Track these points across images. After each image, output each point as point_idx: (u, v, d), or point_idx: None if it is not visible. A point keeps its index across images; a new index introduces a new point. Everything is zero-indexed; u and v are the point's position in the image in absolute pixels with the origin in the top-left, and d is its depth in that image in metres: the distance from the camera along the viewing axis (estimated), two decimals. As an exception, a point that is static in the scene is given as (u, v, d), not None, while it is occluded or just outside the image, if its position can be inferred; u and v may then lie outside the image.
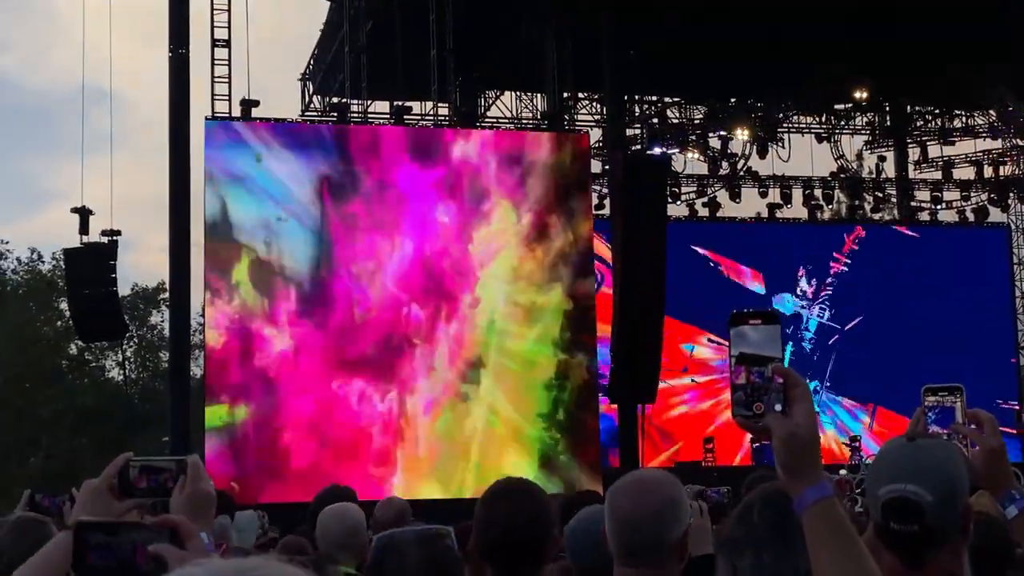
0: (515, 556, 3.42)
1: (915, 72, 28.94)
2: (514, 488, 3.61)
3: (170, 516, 2.22)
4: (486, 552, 3.48)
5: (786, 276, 29.57)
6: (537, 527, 3.43)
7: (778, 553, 2.37)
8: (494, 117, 30.93)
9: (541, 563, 3.45)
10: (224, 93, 22.93)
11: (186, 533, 2.15)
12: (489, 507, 3.51)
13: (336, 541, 5.19)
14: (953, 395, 2.83)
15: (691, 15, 25.13)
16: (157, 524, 2.15)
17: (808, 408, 2.02)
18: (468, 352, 22.38)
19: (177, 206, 21.83)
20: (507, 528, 3.41)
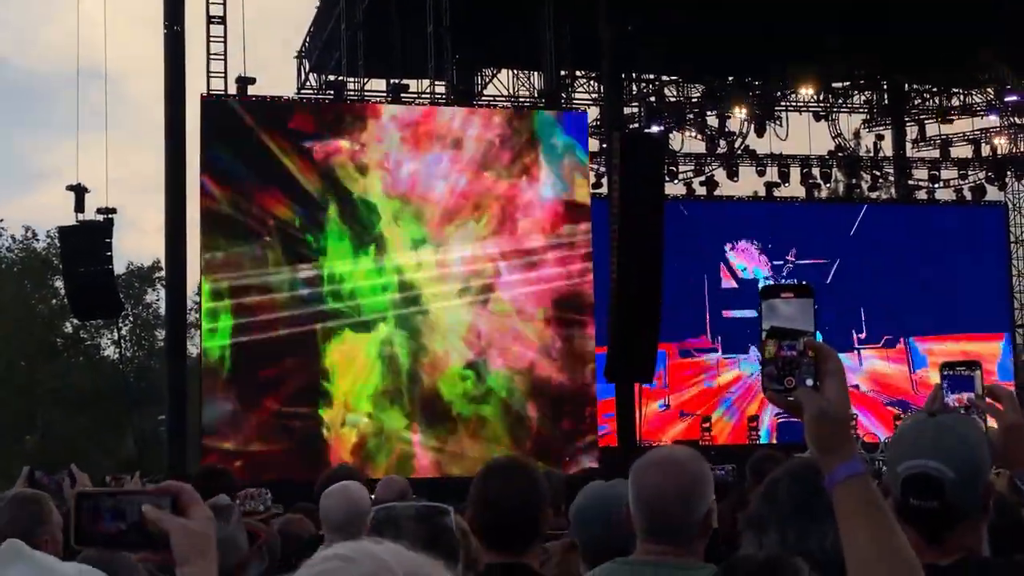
0: (507, 532, 3.45)
1: (913, 49, 28.85)
2: (508, 465, 3.65)
3: (172, 483, 2.16)
4: (479, 528, 3.51)
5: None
6: (529, 504, 3.46)
7: (803, 529, 2.35)
8: (491, 95, 30.83)
9: (533, 539, 3.47)
10: (220, 71, 22.82)
11: (188, 500, 2.10)
12: (483, 484, 3.55)
13: (337, 521, 5.16)
14: (971, 370, 2.80)
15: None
16: (157, 491, 2.10)
17: (840, 383, 1.98)
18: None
19: (173, 184, 21.75)
20: (500, 504, 3.44)
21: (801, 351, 1.98)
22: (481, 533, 3.52)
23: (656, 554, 3.04)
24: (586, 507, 3.73)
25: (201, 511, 2.10)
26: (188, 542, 2.05)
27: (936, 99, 33.78)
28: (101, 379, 44.36)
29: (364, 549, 1.32)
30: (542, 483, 3.54)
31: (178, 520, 2.06)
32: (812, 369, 1.98)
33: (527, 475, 3.54)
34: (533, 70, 30.31)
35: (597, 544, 3.57)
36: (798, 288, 2.03)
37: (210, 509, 2.13)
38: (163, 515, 2.06)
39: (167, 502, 2.08)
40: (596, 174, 28.48)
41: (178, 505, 2.08)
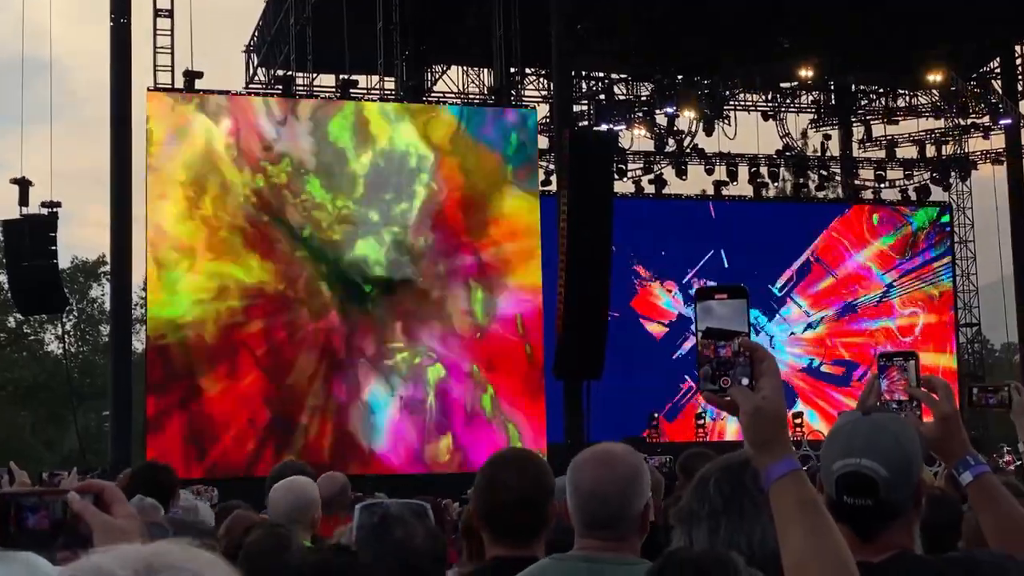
0: (515, 524, 3.42)
1: (860, 50, 29.11)
2: (514, 456, 3.64)
3: (94, 481, 2.14)
4: (489, 518, 3.47)
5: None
6: (536, 495, 3.43)
7: (733, 525, 2.36)
8: (440, 92, 30.78)
9: (540, 531, 3.45)
10: (167, 64, 22.66)
11: (110, 498, 2.08)
12: (490, 475, 3.50)
13: (286, 514, 5.15)
14: (907, 360, 2.83)
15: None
16: (80, 488, 2.08)
17: (775, 382, 1.99)
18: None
19: (119, 178, 21.56)
20: (507, 496, 3.41)
21: (736, 351, 2.00)
22: (488, 526, 3.49)
23: (593, 549, 3.05)
24: None
25: (124, 509, 2.08)
26: (111, 539, 2.03)
27: (882, 100, 34.10)
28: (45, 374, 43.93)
29: (85, 566, 1.26)
30: (548, 474, 3.51)
31: (101, 516, 2.04)
32: (747, 369, 1.99)
33: (534, 466, 3.51)
34: (483, 67, 30.28)
35: None
36: (732, 289, 2.04)
37: (135, 509, 2.11)
38: (89, 507, 2.04)
39: (90, 500, 2.06)
40: (545, 171, 28.51)
41: (101, 503, 2.07)
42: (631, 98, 31.97)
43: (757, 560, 2.04)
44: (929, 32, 28.20)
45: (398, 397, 22.37)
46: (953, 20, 27.71)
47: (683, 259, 29.11)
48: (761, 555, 2.06)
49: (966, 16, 27.63)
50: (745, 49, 28.36)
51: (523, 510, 3.40)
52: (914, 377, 2.81)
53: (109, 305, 28.64)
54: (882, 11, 26.52)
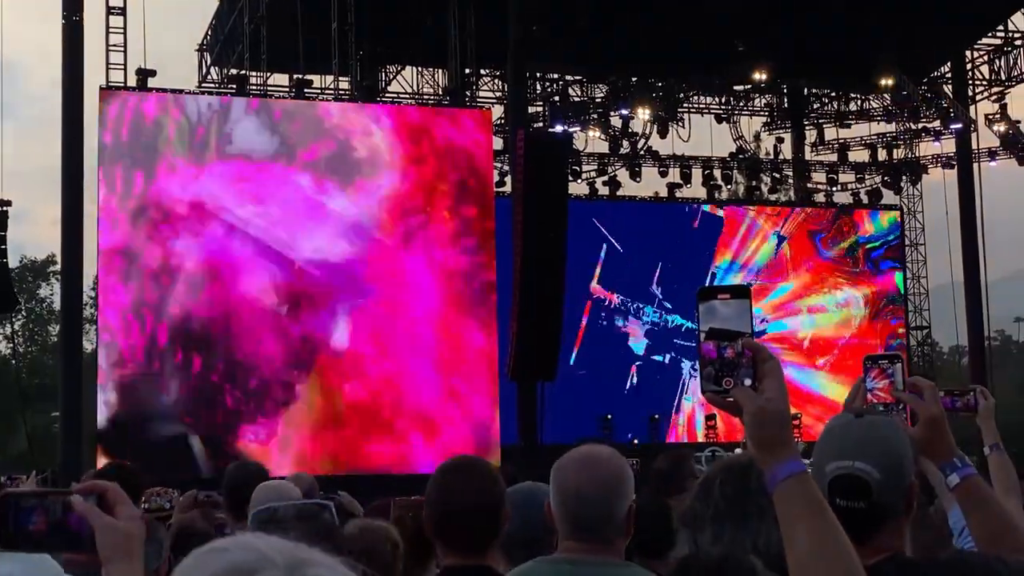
0: (467, 533, 3.38)
1: (813, 54, 29.31)
2: (469, 464, 3.59)
3: (98, 482, 2.09)
4: (441, 527, 3.43)
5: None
6: (489, 503, 3.40)
7: (737, 527, 2.34)
8: (395, 92, 30.68)
9: (493, 539, 3.41)
10: (119, 62, 22.49)
11: (114, 499, 2.04)
12: (441, 483, 3.46)
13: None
14: (892, 363, 2.83)
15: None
16: (82, 490, 2.03)
17: (778, 383, 1.97)
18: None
19: (70, 177, 21.34)
20: (459, 504, 3.38)
21: (739, 352, 1.98)
22: (440, 535, 3.45)
23: (578, 552, 3.03)
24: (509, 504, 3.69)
25: (128, 510, 2.04)
26: (113, 541, 1.99)
27: (834, 104, 34.35)
28: (-7, 375, 43.40)
29: (240, 540, 1.28)
30: (500, 482, 3.48)
31: (104, 518, 2.00)
32: (750, 370, 1.97)
33: (485, 474, 3.48)
34: (438, 67, 30.21)
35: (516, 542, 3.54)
36: (735, 289, 2.03)
37: (137, 509, 2.07)
38: (92, 509, 2.00)
39: (92, 500, 2.01)
40: (500, 172, 28.48)
41: (104, 504, 2.02)
42: (586, 100, 32.02)
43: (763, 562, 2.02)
44: (881, 37, 28.43)
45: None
46: (905, 25, 27.95)
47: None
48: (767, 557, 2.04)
49: (918, 21, 27.89)
50: (699, 52, 28.47)
51: (475, 519, 3.37)
52: (900, 380, 2.81)
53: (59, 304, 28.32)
54: (835, 16, 26.71)
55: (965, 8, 28.07)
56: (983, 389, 4.07)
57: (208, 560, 1.26)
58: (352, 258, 22.73)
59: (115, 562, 1.98)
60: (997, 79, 31.97)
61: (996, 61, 31.98)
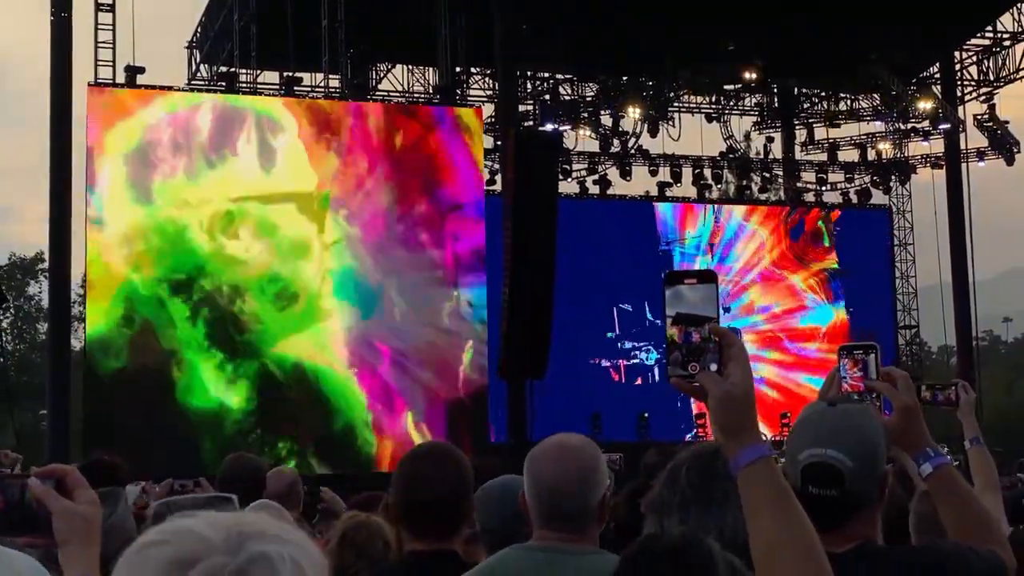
0: (432, 518, 3.40)
1: (803, 54, 29.34)
2: (433, 450, 3.60)
3: (56, 465, 2.10)
4: (408, 513, 3.45)
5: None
6: (455, 490, 3.42)
7: (703, 513, 2.35)
8: (385, 90, 30.66)
9: (459, 525, 3.43)
10: (108, 59, 22.43)
11: (73, 483, 2.03)
12: (408, 469, 3.48)
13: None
14: (867, 353, 2.84)
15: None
16: (41, 474, 2.03)
17: (744, 368, 1.96)
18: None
19: (58, 174, 21.29)
20: (425, 490, 3.39)
21: (706, 336, 1.97)
22: (406, 521, 3.47)
23: (552, 540, 3.04)
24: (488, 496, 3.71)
25: (86, 494, 2.04)
26: (71, 525, 2.00)
27: (824, 103, 34.39)
28: (-20, 373, 43.27)
29: (176, 527, 1.24)
30: (467, 469, 3.49)
31: (62, 501, 2.00)
32: (717, 355, 1.97)
33: (453, 460, 3.49)
34: (428, 65, 30.20)
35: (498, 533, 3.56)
36: (702, 273, 2.02)
37: (96, 494, 2.07)
38: (49, 492, 2.00)
39: (51, 484, 2.02)
40: (490, 171, 28.48)
41: (63, 488, 2.02)
42: (576, 98, 32.01)
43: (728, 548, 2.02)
44: (871, 37, 28.47)
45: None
46: (894, 25, 27.99)
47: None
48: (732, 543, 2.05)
49: (907, 22, 27.94)
50: (690, 51, 28.49)
51: (441, 505, 3.39)
52: (874, 370, 2.82)
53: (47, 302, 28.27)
54: (825, 16, 26.75)
55: (954, 8, 28.13)
56: (964, 383, 4.09)
57: (149, 553, 1.23)
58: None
59: (72, 545, 1.99)
60: (986, 79, 32.03)
61: (985, 61, 32.04)
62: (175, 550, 1.21)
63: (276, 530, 1.25)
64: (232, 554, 1.20)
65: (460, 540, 3.44)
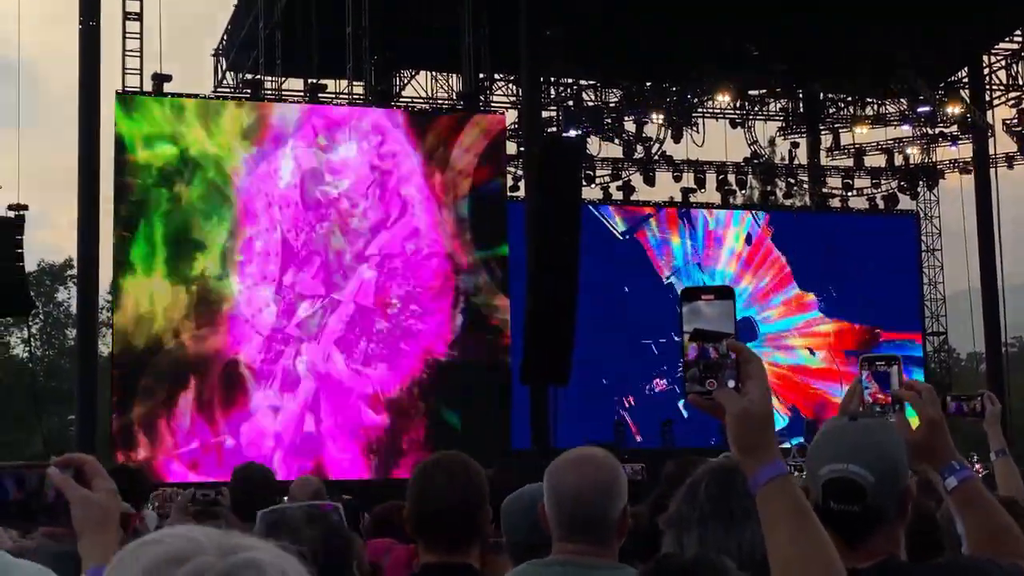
0: (450, 529, 3.37)
1: (829, 58, 29.24)
2: (447, 462, 3.56)
3: (75, 455, 2.11)
4: (421, 526, 3.43)
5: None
6: (469, 501, 3.39)
7: (722, 529, 2.35)
8: (409, 97, 30.72)
9: (473, 538, 3.41)
10: (135, 67, 22.55)
11: (91, 472, 2.05)
12: (422, 481, 3.46)
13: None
14: (889, 364, 2.83)
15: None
16: (60, 463, 2.04)
17: (762, 384, 1.96)
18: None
19: (86, 181, 21.42)
20: (439, 502, 3.37)
21: (723, 353, 1.97)
22: (420, 533, 3.44)
23: (572, 554, 3.02)
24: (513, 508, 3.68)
25: (104, 483, 2.05)
26: (88, 514, 2.01)
27: (850, 108, 34.23)
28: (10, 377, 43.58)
29: (173, 531, 1.30)
30: (482, 480, 3.47)
31: (80, 490, 2.01)
32: (734, 371, 1.96)
33: (467, 472, 3.46)
34: (452, 72, 30.25)
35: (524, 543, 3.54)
36: (719, 290, 2.01)
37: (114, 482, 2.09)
38: (67, 482, 2.01)
39: (70, 473, 2.03)
40: (513, 177, 28.49)
41: (82, 477, 2.04)
42: (600, 104, 31.99)
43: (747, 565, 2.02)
44: (898, 40, 28.34)
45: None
46: (922, 29, 27.86)
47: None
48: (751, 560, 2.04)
49: (935, 26, 27.81)
50: (714, 56, 28.42)
51: (454, 517, 3.36)
52: (896, 381, 2.81)
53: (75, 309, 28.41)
54: (851, 20, 26.64)
55: (983, 13, 27.98)
56: (990, 394, 4.07)
57: (142, 551, 1.27)
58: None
59: (90, 534, 2.00)
60: (1015, 84, 31.85)
61: (1014, 66, 31.87)
62: (167, 548, 1.26)
63: (268, 546, 1.29)
64: (221, 556, 1.24)
65: (475, 553, 3.42)
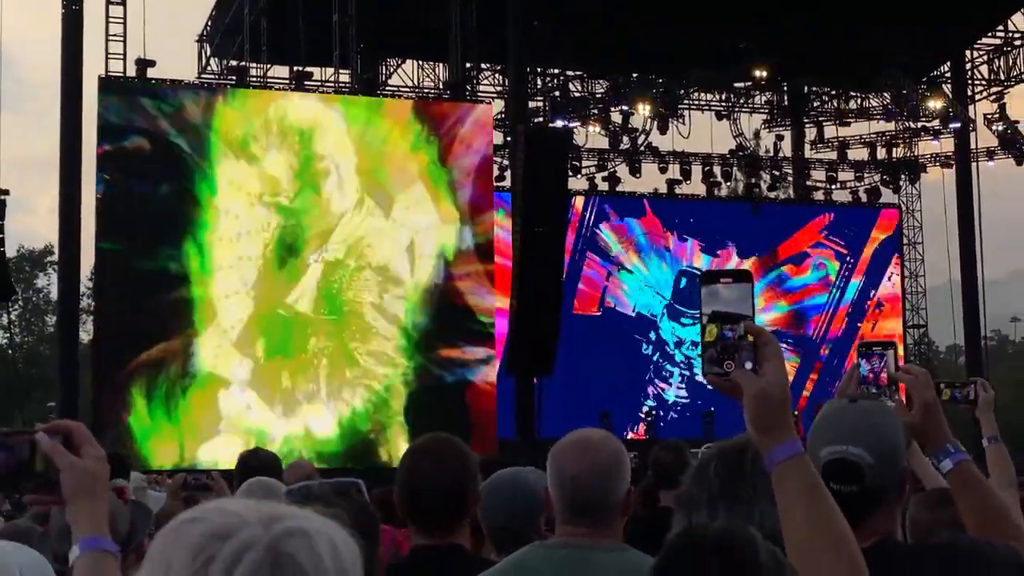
0: (438, 511, 3.41)
1: (813, 52, 29.31)
2: (438, 443, 3.58)
3: (63, 421, 2.10)
4: (410, 508, 3.46)
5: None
6: (459, 483, 3.42)
7: (731, 509, 2.36)
8: (395, 85, 30.68)
9: (462, 518, 3.44)
10: (119, 52, 22.44)
11: (80, 439, 2.04)
12: (412, 463, 3.49)
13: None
14: (886, 349, 2.87)
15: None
16: (48, 429, 2.03)
17: (779, 365, 2.00)
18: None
19: (68, 167, 21.33)
20: (429, 484, 3.40)
21: (741, 335, 2.01)
22: (410, 515, 3.48)
23: (577, 535, 3.04)
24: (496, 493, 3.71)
25: (93, 450, 2.04)
26: (78, 480, 2.00)
27: (834, 102, 34.34)
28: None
29: (212, 506, 1.28)
30: (471, 462, 3.50)
31: (68, 457, 2.01)
32: (751, 353, 2.01)
33: (456, 453, 3.50)
34: (438, 61, 30.22)
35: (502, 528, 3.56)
36: (737, 273, 2.07)
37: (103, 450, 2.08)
38: (56, 448, 2.00)
39: (59, 440, 2.01)
40: (500, 167, 28.49)
41: (70, 444, 2.03)
42: (586, 95, 32.01)
43: (760, 536, 2.04)
44: (882, 35, 28.42)
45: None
46: (905, 25, 27.95)
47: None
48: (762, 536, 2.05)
49: (918, 21, 27.89)
50: (700, 49, 28.46)
51: (442, 499, 3.39)
52: (892, 366, 2.85)
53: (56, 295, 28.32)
54: (836, 14, 26.71)
55: (965, 8, 28.08)
56: (983, 381, 4.10)
57: (185, 530, 1.25)
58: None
59: (79, 501, 2.00)
60: (996, 79, 31.98)
61: (995, 61, 31.99)
62: (210, 525, 1.24)
63: (311, 514, 1.28)
64: (267, 527, 1.23)
65: (465, 533, 3.44)
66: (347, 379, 22.07)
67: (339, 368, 22.05)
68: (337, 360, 22.06)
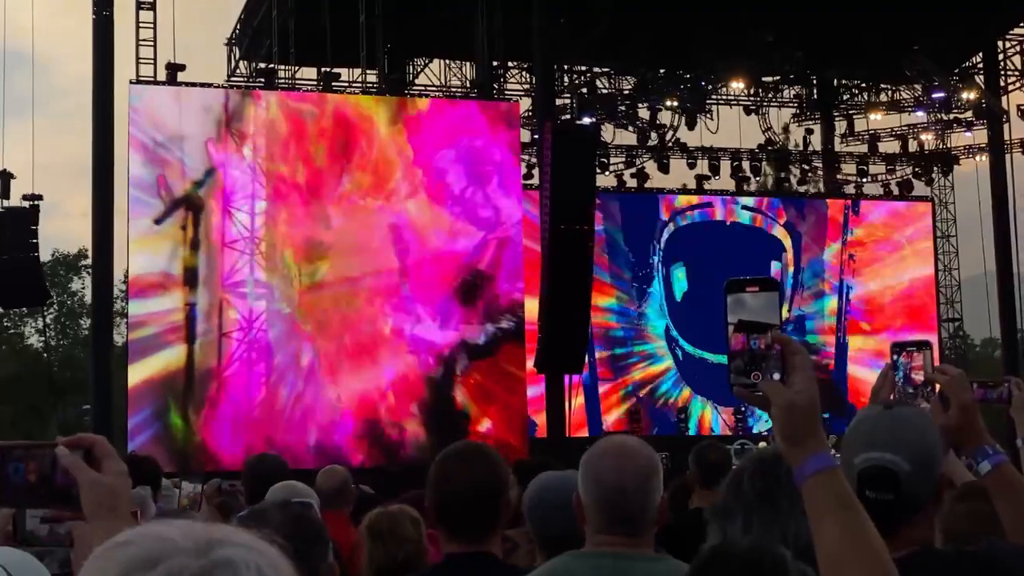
0: (468, 520, 3.37)
1: (843, 45, 29.12)
2: (470, 450, 3.56)
3: (85, 435, 2.03)
4: (441, 514, 3.43)
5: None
6: (490, 490, 3.38)
7: (766, 520, 2.34)
8: (422, 85, 30.68)
9: (496, 526, 3.40)
10: (149, 57, 22.57)
11: (101, 453, 1.99)
12: (442, 469, 3.45)
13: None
14: (920, 349, 2.82)
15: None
16: (69, 443, 1.98)
17: (808, 376, 1.95)
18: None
19: (100, 171, 21.44)
20: (460, 491, 3.36)
21: (768, 344, 1.96)
22: (441, 523, 3.45)
23: (612, 545, 3.01)
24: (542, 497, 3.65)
25: (115, 465, 1.98)
26: (98, 497, 1.94)
27: (864, 95, 34.10)
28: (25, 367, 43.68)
29: (145, 530, 1.23)
30: (502, 468, 3.47)
31: (90, 473, 1.95)
32: (779, 363, 1.95)
33: (487, 460, 3.46)
34: (465, 60, 30.20)
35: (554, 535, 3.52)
36: (764, 281, 2.01)
37: (125, 464, 2.03)
38: (77, 463, 1.95)
39: (79, 455, 1.97)
40: (527, 165, 28.44)
41: (91, 459, 1.98)
42: (613, 92, 31.90)
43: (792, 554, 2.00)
44: (912, 26, 28.22)
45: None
46: (936, 15, 27.74)
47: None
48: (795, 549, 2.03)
49: (949, 11, 27.68)
50: (728, 43, 28.32)
51: (474, 506, 3.35)
52: (928, 366, 2.80)
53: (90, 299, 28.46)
54: (865, 6, 26.52)
55: (996, -1, 27.88)
56: (1017, 380, 4.05)
57: (112, 555, 1.22)
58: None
59: (100, 518, 1.93)
60: (1029, 69, 31.71)
61: (1029, 51, 31.72)
62: (139, 550, 1.20)
63: (247, 540, 1.24)
64: (196, 556, 1.19)
65: (497, 540, 3.41)
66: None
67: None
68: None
